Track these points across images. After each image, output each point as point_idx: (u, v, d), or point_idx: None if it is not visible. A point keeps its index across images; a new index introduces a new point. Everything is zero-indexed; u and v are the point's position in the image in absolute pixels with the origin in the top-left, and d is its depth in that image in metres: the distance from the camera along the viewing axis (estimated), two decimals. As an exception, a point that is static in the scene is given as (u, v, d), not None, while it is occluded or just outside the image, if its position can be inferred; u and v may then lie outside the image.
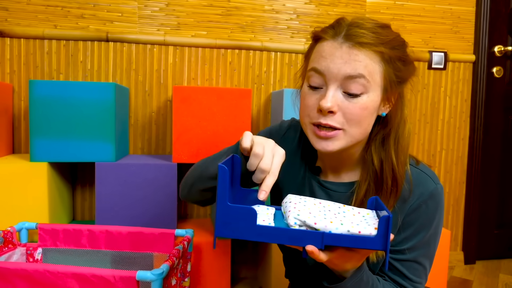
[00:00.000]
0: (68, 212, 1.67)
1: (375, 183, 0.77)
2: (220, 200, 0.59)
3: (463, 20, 2.04)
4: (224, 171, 0.59)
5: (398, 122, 0.77)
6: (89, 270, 1.01)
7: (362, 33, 0.69)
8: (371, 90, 0.70)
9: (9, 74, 1.66)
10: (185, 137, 1.52)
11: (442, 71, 2.05)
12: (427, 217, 0.77)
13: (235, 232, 0.59)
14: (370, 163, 0.78)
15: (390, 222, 0.56)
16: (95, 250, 1.35)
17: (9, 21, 1.65)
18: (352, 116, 0.71)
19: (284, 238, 0.59)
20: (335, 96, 0.71)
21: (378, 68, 0.70)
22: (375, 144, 0.78)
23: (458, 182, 2.14)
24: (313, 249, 0.58)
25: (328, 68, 0.70)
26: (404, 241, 0.78)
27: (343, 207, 0.67)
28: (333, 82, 0.71)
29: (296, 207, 0.63)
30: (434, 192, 0.77)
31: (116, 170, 1.48)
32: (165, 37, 1.75)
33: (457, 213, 2.16)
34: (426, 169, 0.80)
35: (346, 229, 0.58)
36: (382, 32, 0.70)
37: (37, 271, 1.02)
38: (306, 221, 0.59)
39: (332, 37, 0.71)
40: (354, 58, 0.69)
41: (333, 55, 0.70)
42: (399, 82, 0.73)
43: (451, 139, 2.10)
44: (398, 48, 0.72)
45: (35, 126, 1.42)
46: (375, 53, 0.69)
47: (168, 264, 1.06)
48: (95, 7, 1.70)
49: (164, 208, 1.54)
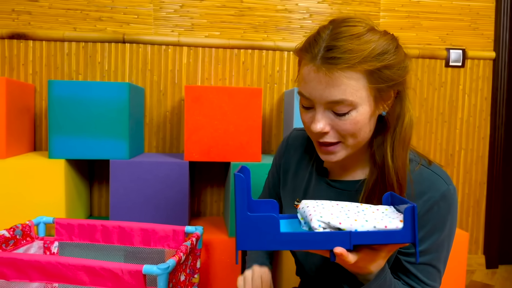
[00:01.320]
0: (85, 208, 1.73)
1: (381, 179, 0.76)
2: (239, 210, 0.56)
3: (482, 16, 1.98)
4: (241, 180, 0.57)
5: (398, 116, 0.76)
6: (98, 263, 1.04)
7: (337, 57, 0.66)
8: (359, 105, 0.69)
9: (32, 75, 1.74)
10: (196, 136, 1.55)
11: (460, 69, 2.00)
12: (440, 219, 0.75)
13: (258, 243, 0.56)
14: (375, 159, 0.78)
15: (415, 212, 0.55)
16: (108, 245, 1.39)
17: (32, 24, 1.72)
18: (345, 132, 0.71)
19: (310, 243, 0.56)
20: (324, 117, 0.71)
21: (361, 85, 0.68)
22: (377, 141, 0.78)
23: (478, 183, 2.07)
24: (342, 251, 0.56)
25: (311, 94, 0.71)
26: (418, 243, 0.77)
27: (360, 205, 0.66)
28: (319, 105, 0.71)
29: (316, 210, 0.61)
30: (446, 193, 0.75)
31: (129, 167, 1.52)
32: (179, 38, 1.78)
33: (477, 215, 2.09)
34: (438, 170, 0.78)
35: (372, 225, 0.56)
36: (360, 45, 0.67)
37: (49, 263, 1.06)
38: (331, 222, 0.57)
39: (310, 61, 0.70)
40: (333, 84, 0.67)
41: (313, 80, 0.69)
42: (389, 86, 0.71)
43: (470, 139, 2.04)
44: (381, 55, 0.68)
45: (53, 124, 1.48)
46: (355, 71, 0.67)
47: (175, 259, 1.08)
48: (112, 9, 1.76)
49: (176, 205, 1.57)
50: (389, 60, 0.70)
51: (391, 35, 0.73)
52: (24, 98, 1.63)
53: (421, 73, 1.98)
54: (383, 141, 0.77)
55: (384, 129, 0.77)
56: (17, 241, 1.30)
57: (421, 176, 0.77)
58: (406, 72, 0.74)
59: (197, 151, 1.56)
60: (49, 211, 1.48)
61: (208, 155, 1.56)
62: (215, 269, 1.55)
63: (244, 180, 0.57)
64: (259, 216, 0.56)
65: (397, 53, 0.71)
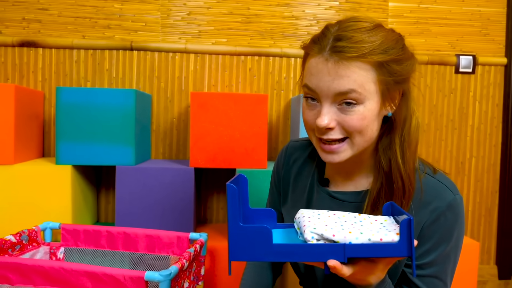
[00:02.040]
0: (92, 214, 1.74)
1: (387, 185, 0.74)
2: (231, 221, 0.56)
3: (493, 22, 1.95)
4: (233, 191, 0.56)
5: (404, 118, 0.74)
6: (101, 269, 1.04)
7: (347, 46, 0.65)
8: (366, 100, 0.68)
9: (41, 82, 1.76)
10: (202, 142, 1.55)
11: (471, 75, 1.97)
12: (447, 229, 0.73)
13: (251, 254, 0.56)
14: (380, 164, 0.75)
15: (412, 225, 0.53)
16: (114, 251, 1.39)
17: (42, 32, 1.75)
18: (352, 128, 0.69)
19: (303, 255, 0.56)
20: (330, 111, 0.69)
21: (370, 77, 0.67)
22: (382, 145, 0.76)
23: (490, 192, 2.03)
24: (335, 264, 0.55)
25: (318, 86, 0.69)
26: (423, 255, 0.74)
27: (358, 216, 0.64)
28: (326, 99, 0.69)
29: (310, 221, 0.60)
30: (453, 203, 0.73)
31: (135, 173, 1.53)
32: (186, 45, 1.80)
33: (489, 224, 2.05)
34: (443, 179, 0.76)
35: (366, 238, 0.55)
36: (369, 37, 0.67)
37: (52, 268, 1.06)
38: (324, 234, 0.56)
39: (318, 53, 0.69)
40: (341, 74, 0.66)
41: (320, 72, 0.68)
42: (397, 82, 0.70)
43: (481, 146, 2.00)
44: (390, 49, 0.68)
45: (61, 130, 1.50)
46: (364, 63, 0.66)
47: (177, 266, 1.07)
48: (121, 17, 1.78)
49: (182, 212, 1.56)
50: (397, 54, 0.69)
51: (398, 33, 0.73)
52: (33, 104, 1.65)
53: (431, 80, 1.95)
54: (391, 144, 0.74)
55: (390, 131, 0.75)
56: (23, 246, 1.31)
57: (427, 185, 0.74)
58: (413, 69, 0.73)
59: (202, 157, 1.55)
60: (56, 216, 1.49)
61: (213, 162, 1.56)
62: (220, 277, 1.54)
63: (236, 191, 0.57)
64: (251, 227, 0.56)
65: (404, 50, 0.71)
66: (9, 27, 1.74)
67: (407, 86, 0.74)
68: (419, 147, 1.95)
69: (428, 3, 1.91)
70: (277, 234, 0.66)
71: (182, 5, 1.80)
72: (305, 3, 1.85)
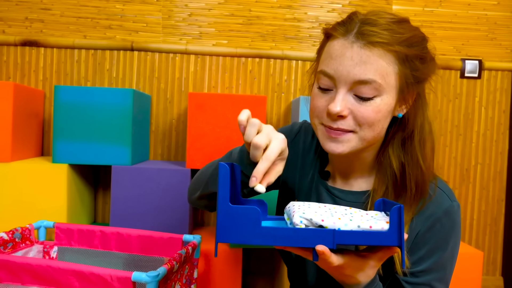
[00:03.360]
0: (89, 214, 1.73)
1: (394, 188, 0.71)
2: (221, 201, 0.55)
3: (500, 26, 1.91)
4: (225, 170, 0.56)
5: (421, 122, 0.71)
6: (88, 268, 1.03)
7: (374, 31, 0.63)
8: (384, 93, 0.65)
9: (42, 81, 1.77)
10: (199, 143, 1.53)
11: (477, 80, 1.93)
12: (442, 236, 0.71)
13: (238, 236, 0.55)
14: (388, 166, 0.72)
15: (402, 213, 0.52)
16: (108, 251, 1.38)
17: (44, 32, 1.76)
18: (364, 120, 0.66)
19: (291, 239, 0.55)
20: (345, 99, 0.66)
21: (392, 69, 0.65)
22: (392, 146, 0.73)
23: (496, 200, 1.97)
24: (324, 249, 0.53)
25: (337, 71, 0.65)
26: (418, 262, 0.71)
27: (349, 209, 0.63)
28: (343, 85, 0.66)
29: (300, 208, 0.59)
30: (450, 209, 0.71)
31: (131, 173, 1.51)
32: (186, 46, 1.79)
33: (495, 234, 1.99)
34: (441, 185, 0.74)
35: (355, 224, 0.54)
36: (398, 28, 0.65)
37: (40, 266, 1.05)
38: (313, 219, 0.55)
39: (343, 35, 0.66)
40: (365, 60, 0.63)
41: (343, 56, 0.65)
42: (417, 81, 0.68)
43: (487, 153, 1.95)
44: (416, 45, 0.66)
45: (58, 129, 1.50)
46: (389, 52, 0.64)
47: (166, 267, 1.05)
48: (122, 18, 1.78)
49: (177, 213, 1.55)
50: (422, 51, 0.67)
51: (424, 33, 0.71)
52: (32, 103, 1.66)
53: (435, 84, 1.90)
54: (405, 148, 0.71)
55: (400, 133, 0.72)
56: (16, 244, 1.30)
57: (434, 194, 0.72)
58: (434, 72, 0.72)
59: (199, 158, 1.54)
60: (51, 215, 1.49)
61: (210, 163, 1.54)
62: (214, 281, 1.52)
63: (228, 171, 0.56)
64: (240, 208, 0.55)
65: (428, 50, 0.70)
66: (12, 26, 1.75)
67: (422, 89, 0.71)
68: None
69: (433, 7, 1.88)
70: (267, 224, 0.65)
71: (183, 6, 1.79)
72: (307, 5, 1.84)
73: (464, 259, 1.52)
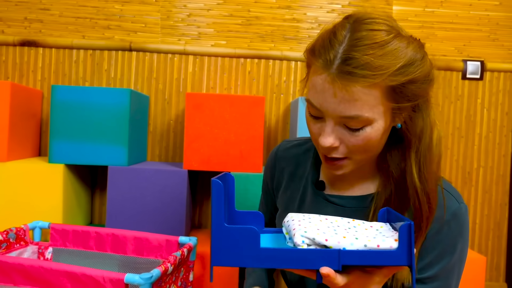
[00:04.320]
0: (85, 215, 1.72)
1: (396, 194, 0.68)
2: (215, 221, 0.51)
3: (502, 27, 1.89)
4: (219, 187, 0.51)
5: (421, 130, 0.66)
6: (80, 269, 1.01)
7: (357, 73, 0.58)
8: (374, 122, 0.62)
9: (40, 81, 1.77)
10: (196, 144, 1.52)
11: (479, 81, 1.90)
12: (451, 240, 0.68)
13: (235, 259, 0.51)
14: (390, 174, 0.69)
15: (412, 231, 0.48)
16: (103, 253, 1.36)
17: (43, 32, 1.76)
18: (356, 148, 0.65)
19: (293, 261, 0.51)
20: (334, 131, 0.64)
21: (380, 101, 0.61)
22: (390, 154, 0.70)
23: (499, 204, 1.94)
24: (329, 271, 0.50)
25: (322, 106, 0.63)
26: (425, 268, 0.68)
27: (352, 221, 0.60)
28: (330, 119, 0.64)
29: (301, 224, 0.55)
30: (458, 212, 0.68)
31: (127, 174, 1.50)
32: (185, 47, 1.78)
33: (498, 238, 1.95)
34: (448, 187, 0.71)
35: (362, 243, 0.50)
36: (383, 57, 0.59)
37: (32, 267, 1.03)
38: (316, 239, 0.51)
39: (323, 69, 0.61)
40: (348, 98, 0.60)
41: (326, 91, 0.61)
42: (410, 100, 0.63)
43: (490, 156, 1.92)
44: (406, 67, 0.60)
45: (55, 129, 1.49)
46: (374, 87, 0.59)
47: (160, 269, 1.04)
48: (121, 18, 1.78)
49: (174, 215, 1.53)
50: (414, 73, 0.61)
51: (418, 41, 0.64)
52: (30, 103, 1.65)
53: (436, 85, 1.88)
54: (405, 159, 0.68)
55: (401, 143, 0.69)
56: (10, 244, 1.29)
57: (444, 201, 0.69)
58: (431, 85, 0.65)
59: (196, 159, 1.52)
60: (47, 216, 1.47)
61: (207, 164, 1.52)
62: (209, 283, 1.50)
63: (222, 188, 0.52)
64: (237, 228, 0.51)
65: (423, 63, 0.62)
66: (11, 26, 1.75)
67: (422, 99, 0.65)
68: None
69: (433, 7, 1.86)
70: (264, 239, 0.61)
71: (182, 6, 1.79)
72: (306, 6, 1.82)
73: (466, 264, 1.45)
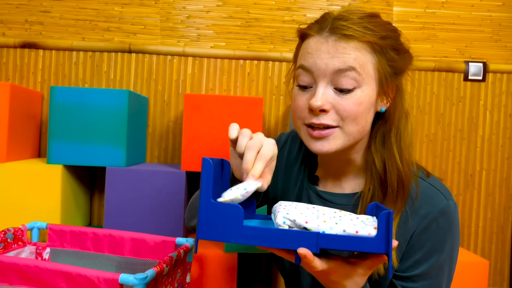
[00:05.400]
0: (84, 216, 1.72)
1: (380, 187, 0.69)
2: (203, 197, 0.54)
3: (505, 28, 1.87)
4: (208, 165, 0.55)
5: (399, 116, 0.71)
6: (75, 269, 1.01)
7: (348, 25, 0.65)
8: (364, 84, 0.65)
9: (40, 83, 1.77)
10: (194, 145, 1.51)
11: (481, 83, 1.88)
12: (439, 238, 0.68)
13: (220, 234, 0.54)
14: (373, 165, 0.70)
15: (391, 219, 0.49)
16: (100, 254, 1.36)
17: (43, 34, 1.77)
18: (346, 113, 0.65)
19: (273, 240, 0.52)
20: (325, 93, 0.66)
21: (369, 59, 0.66)
22: (375, 143, 0.71)
23: (502, 207, 1.91)
24: (306, 252, 0.51)
25: (315, 64, 0.66)
26: (414, 266, 0.68)
27: (339, 212, 0.60)
28: (322, 79, 0.66)
29: (285, 209, 0.57)
30: (446, 208, 0.68)
31: (125, 175, 1.50)
32: (184, 48, 1.78)
33: (502, 242, 1.92)
34: (436, 183, 0.71)
35: (341, 228, 0.51)
36: (370, 21, 0.67)
37: (28, 266, 1.03)
38: (296, 220, 0.53)
39: (317, 32, 0.67)
40: (341, 52, 0.64)
41: (319, 50, 0.66)
42: (395, 73, 0.69)
43: (493, 158, 1.90)
44: (390, 37, 0.68)
45: (53, 129, 1.49)
46: (365, 43, 0.65)
47: (155, 270, 1.03)
48: (120, 20, 1.78)
49: (172, 216, 1.52)
50: (397, 43, 0.69)
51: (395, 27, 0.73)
52: (30, 104, 1.66)
53: (437, 87, 1.87)
54: (385, 143, 0.71)
55: (382, 129, 0.71)
56: (7, 244, 1.29)
57: (418, 189, 0.70)
58: (411, 63, 0.72)
59: (194, 161, 1.52)
60: (45, 217, 1.47)
61: (205, 166, 1.51)
62: (207, 286, 1.49)
63: (212, 165, 0.54)
64: (222, 205, 0.54)
65: (401, 42, 0.71)
66: (12, 28, 1.76)
67: (400, 82, 0.71)
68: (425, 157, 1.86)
69: (435, 8, 1.85)
70: (253, 223, 0.63)
71: (181, 8, 1.79)
72: (306, 7, 1.82)
73: (469, 268, 1.47)
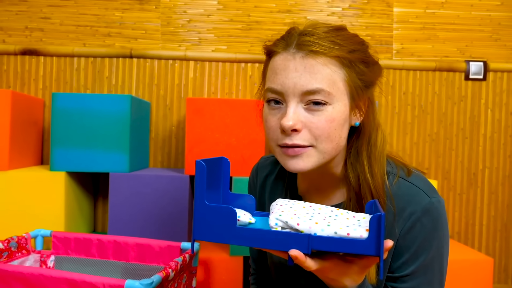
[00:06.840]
0: (88, 222, 1.71)
1: (357, 202, 0.69)
2: (197, 199, 0.56)
3: (504, 27, 1.87)
4: (201, 167, 0.55)
5: (370, 129, 0.70)
6: (80, 276, 1.01)
7: (314, 40, 0.62)
8: (335, 100, 0.63)
9: (42, 89, 1.77)
10: (197, 149, 1.51)
11: (482, 82, 1.88)
12: (425, 237, 0.67)
13: (214, 235, 0.55)
14: (348, 179, 0.70)
15: (382, 221, 0.49)
16: (105, 260, 1.35)
17: (44, 40, 1.77)
18: (319, 131, 0.63)
19: (266, 241, 0.53)
20: (296, 112, 0.63)
21: (338, 76, 0.63)
22: (350, 158, 0.71)
23: (505, 205, 1.91)
24: (297, 254, 0.51)
25: (284, 84, 0.64)
26: (403, 267, 0.68)
27: (336, 210, 0.60)
28: (292, 98, 0.64)
29: (280, 209, 0.57)
30: (429, 206, 0.67)
31: (129, 181, 1.49)
32: (186, 52, 1.78)
33: (506, 240, 1.92)
34: (418, 181, 0.70)
35: (332, 230, 0.52)
36: (337, 35, 0.64)
37: (32, 274, 1.03)
38: (288, 222, 0.53)
39: (284, 49, 0.65)
40: (309, 70, 0.62)
41: (287, 68, 0.64)
42: (366, 86, 0.67)
43: (495, 156, 1.90)
44: (358, 49, 0.66)
45: (55, 136, 1.49)
46: (333, 58, 0.63)
47: (161, 275, 1.03)
48: (121, 25, 1.78)
49: (176, 221, 1.52)
50: (365, 55, 0.67)
51: (363, 39, 0.71)
52: (31, 111, 1.65)
53: (439, 87, 1.87)
54: (358, 157, 0.70)
55: (356, 143, 0.71)
56: (11, 253, 1.28)
57: (400, 190, 0.69)
58: (380, 75, 0.71)
59: (198, 165, 1.51)
60: (49, 224, 1.47)
61: (209, 170, 1.51)
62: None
63: (205, 168, 0.55)
64: (216, 207, 0.55)
65: (369, 54, 0.69)
66: (12, 35, 1.76)
67: (372, 94, 0.70)
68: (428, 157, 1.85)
69: (434, 8, 1.85)
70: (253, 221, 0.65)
71: (182, 12, 1.79)
72: (307, 9, 1.82)
73: (474, 266, 1.47)
